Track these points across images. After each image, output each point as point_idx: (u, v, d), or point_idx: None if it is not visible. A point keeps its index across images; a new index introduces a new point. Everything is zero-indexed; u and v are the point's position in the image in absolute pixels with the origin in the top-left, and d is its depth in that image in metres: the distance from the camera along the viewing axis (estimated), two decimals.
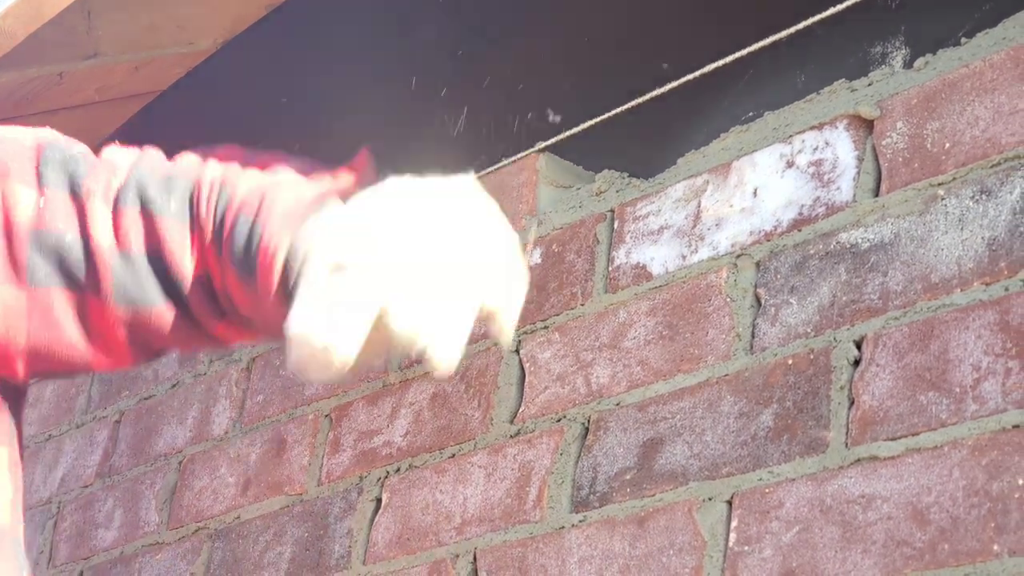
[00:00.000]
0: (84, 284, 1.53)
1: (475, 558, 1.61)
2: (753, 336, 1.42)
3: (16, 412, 1.39)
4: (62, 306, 1.55)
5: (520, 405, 1.65)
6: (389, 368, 1.83)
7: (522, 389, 1.65)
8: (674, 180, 1.57)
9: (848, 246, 1.37)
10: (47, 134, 1.51)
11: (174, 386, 2.17)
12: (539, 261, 1.69)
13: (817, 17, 1.47)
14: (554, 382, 1.61)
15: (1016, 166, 1.26)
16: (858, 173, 1.39)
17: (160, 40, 1.94)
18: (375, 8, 2.24)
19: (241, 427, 2.02)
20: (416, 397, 1.78)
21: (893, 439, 1.26)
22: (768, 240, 1.45)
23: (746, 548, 1.35)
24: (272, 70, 2.37)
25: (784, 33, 1.50)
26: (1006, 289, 1.22)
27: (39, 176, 1.45)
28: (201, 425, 2.08)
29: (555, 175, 1.75)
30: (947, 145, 1.32)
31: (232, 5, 2.17)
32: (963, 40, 1.36)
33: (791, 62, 1.56)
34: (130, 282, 1.52)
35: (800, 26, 1.50)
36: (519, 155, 1.77)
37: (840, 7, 1.43)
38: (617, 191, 1.63)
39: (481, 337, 1.72)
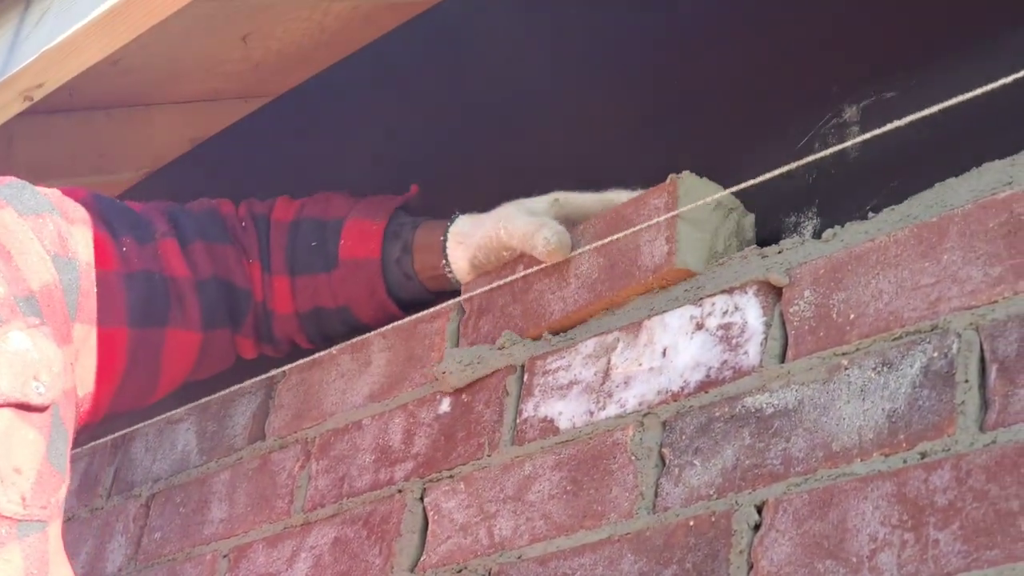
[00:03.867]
0: (171, 318, 1.71)
1: None
2: (656, 495, 1.42)
3: None
4: (156, 343, 1.72)
5: (422, 554, 1.63)
6: (293, 509, 1.81)
7: (425, 538, 1.64)
8: (585, 336, 1.58)
9: (753, 410, 1.38)
10: (83, 190, 1.66)
11: (69, 519, 2.13)
12: (448, 410, 1.69)
13: (735, 188, 1.51)
14: (457, 532, 1.60)
15: (917, 340, 1.28)
16: (765, 339, 1.41)
17: (80, 168, 1.95)
18: (299, 147, 2.26)
19: (136, 565, 1.98)
20: (317, 541, 1.75)
21: None
22: (675, 400, 1.46)
23: None
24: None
25: (701, 202, 1.53)
26: (904, 461, 1.23)
27: (107, 226, 1.63)
28: (94, 562, 2.03)
29: None
30: (852, 316, 1.34)
31: (156, 138, 2.19)
32: (870, 215, 1.39)
33: None
34: (210, 307, 1.75)
35: (718, 196, 1.53)
36: (435, 306, 1.78)
37: (761, 179, 1.46)
38: (524, 346, 1.64)
39: (387, 483, 1.71)
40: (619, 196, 1.62)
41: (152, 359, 1.72)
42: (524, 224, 1.61)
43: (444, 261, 1.73)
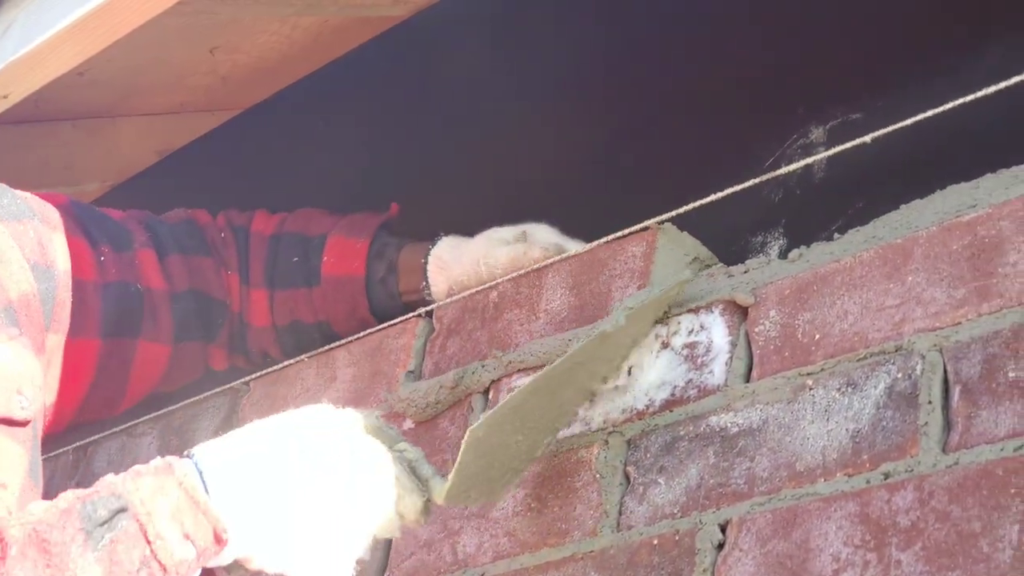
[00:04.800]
0: (143, 330, 1.71)
1: None
2: (620, 514, 1.42)
3: None
4: (127, 354, 1.72)
5: (386, 570, 1.62)
6: None
7: (388, 553, 1.63)
8: (552, 351, 1.58)
9: (717, 429, 1.38)
10: (63, 196, 1.67)
11: None
12: (413, 427, 1.68)
13: (701, 201, 1.51)
14: (421, 548, 1.59)
15: (881, 361, 1.29)
16: (731, 358, 1.41)
17: (46, 179, 1.94)
18: (266, 161, 2.26)
19: None
20: None
21: None
22: (640, 419, 1.46)
23: None
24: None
25: (666, 216, 1.53)
26: (867, 482, 1.24)
27: (87, 234, 1.63)
28: None
29: None
30: (817, 336, 1.35)
31: (122, 149, 2.18)
32: (835, 235, 1.40)
33: None
34: (183, 320, 1.75)
35: (682, 210, 1.53)
36: (400, 318, 1.77)
37: (726, 192, 1.47)
38: (485, 366, 1.64)
39: None
40: (573, 246, 1.63)
41: (121, 370, 1.71)
42: (506, 253, 1.63)
43: (424, 283, 1.74)
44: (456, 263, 1.70)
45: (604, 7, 1.93)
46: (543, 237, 1.64)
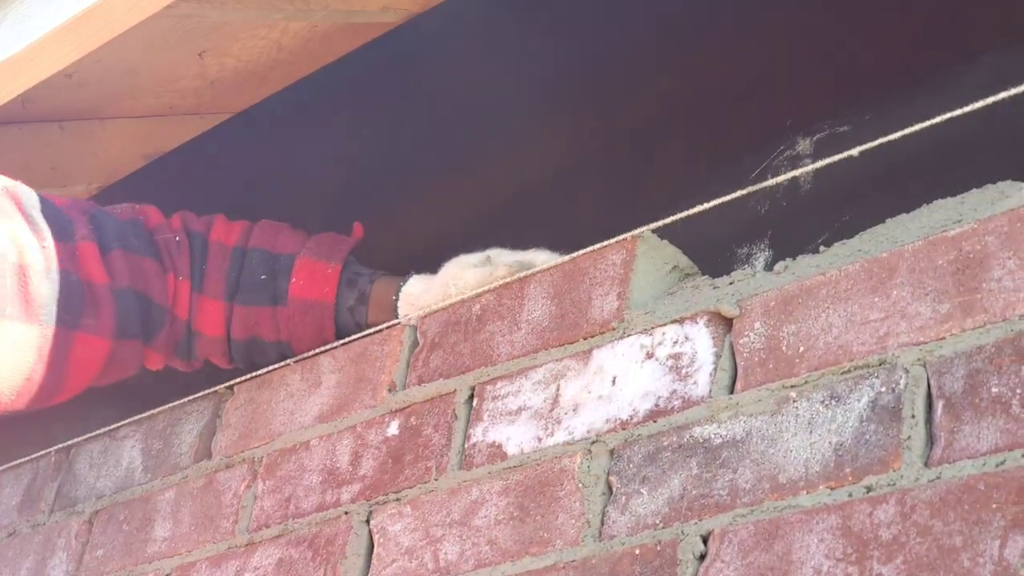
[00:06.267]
0: (83, 323, 1.71)
1: None
2: (603, 523, 1.42)
3: None
4: (65, 345, 1.71)
5: None
6: (237, 530, 1.80)
7: (370, 560, 1.63)
8: (535, 363, 1.58)
9: (701, 440, 1.39)
10: (7, 180, 1.66)
11: (10, 535, 2.11)
12: (396, 433, 1.68)
13: (687, 212, 1.51)
14: (402, 555, 1.59)
15: (865, 375, 1.29)
16: (715, 369, 1.41)
17: (32, 181, 1.93)
18: (253, 167, 2.26)
19: None
20: (261, 562, 1.74)
21: None
22: (624, 429, 1.46)
23: None
24: None
25: (653, 225, 1.54)
26: (850, 495, 1.24)
27: (29, 220, 1.63)
28: None
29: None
30: (801, 349, 1.35)
31: (109, 152, 2.17)
32: (821, 248, 1.40)
33: None
34: (124, 316, 1.75)
35: (668, 220, 1.53)
36: (385, 324, 1.78)
37: (713, 203, 1.47)
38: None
39: (333, 505, 1.70)
40: (540, 256, 1.65)
41: (60, 361, 1.70)
42: (474, 275, 1.65)
43: (395, 320, 1.77)
44: (425, 294, 1.73)
45: (592, 18, 1.93)
46: (507, 258, 1.66)
